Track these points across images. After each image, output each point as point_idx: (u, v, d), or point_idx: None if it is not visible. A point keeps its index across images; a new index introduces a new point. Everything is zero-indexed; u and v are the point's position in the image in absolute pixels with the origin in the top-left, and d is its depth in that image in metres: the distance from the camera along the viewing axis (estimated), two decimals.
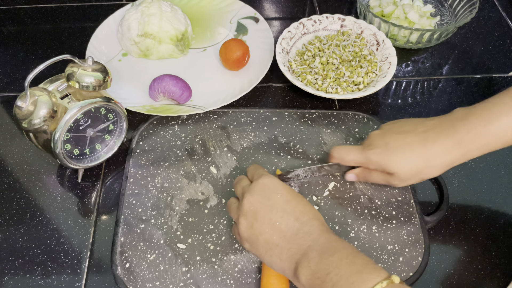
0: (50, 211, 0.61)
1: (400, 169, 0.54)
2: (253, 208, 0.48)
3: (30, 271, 0.56)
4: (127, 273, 0.55)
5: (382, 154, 0.54)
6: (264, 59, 0.77)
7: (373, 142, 0.56)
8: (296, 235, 0.46)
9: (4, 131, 0.70)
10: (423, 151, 0.53)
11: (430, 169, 0.53)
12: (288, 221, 0.47)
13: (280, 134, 0.68)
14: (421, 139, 0.53)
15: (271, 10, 0.91)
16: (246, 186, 0.51)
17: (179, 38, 0.78)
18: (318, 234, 0.46)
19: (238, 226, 0.50)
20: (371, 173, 0.58)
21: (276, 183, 0.50)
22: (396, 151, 0.54)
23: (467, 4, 0.83)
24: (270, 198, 0.48)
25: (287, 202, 0.48)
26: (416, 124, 0.55)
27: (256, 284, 0.54)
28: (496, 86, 0.78)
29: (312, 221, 0.47)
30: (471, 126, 0.51)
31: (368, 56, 0.76)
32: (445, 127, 0.53)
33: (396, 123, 0.57)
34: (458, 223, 0.61)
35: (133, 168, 0.64)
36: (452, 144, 0.52)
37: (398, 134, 0.55)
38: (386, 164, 0.54)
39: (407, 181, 0.55)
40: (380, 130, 0.58)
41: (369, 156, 0.55)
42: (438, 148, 0.52)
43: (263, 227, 0.47)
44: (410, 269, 0.55)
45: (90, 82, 0.57)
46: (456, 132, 0.52)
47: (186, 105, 0.71)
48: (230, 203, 0.53)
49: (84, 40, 0.82)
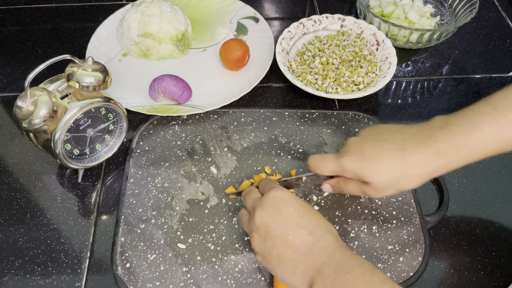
0: (50, 211, 0.61)
1: (376, 179, 0.50)
2: (265, 222, 0.47)
3: (30, 271, 0.56)
4: (127, 273, 0.55)
5: (358, 162, 0.51)
6: (264, 59, 0.77)
7: (349, 149, 0.53)
8: (310, 250, 0.45)
9: (4, 131, 0.70)
10: (400, 161, 0.49)
11: (407, 180, 0.50)
12: (302, 235, 0.46)
13: (280, 134, 0.68)
14: (399, 148, 0.50)
15: (271, 10, 0.91)
16: (257, 199, 0.50)
17: (179, 38, 0.78)
18: (333, 250, 0.45)
19: (251, 239, 0.49)
20: (346, 184, 0.54)
21: (288, 196, 0.49)
22: (372, 159, 0.50)
23: (467, 4, 0.83)
24: (282, 212, 0.48)
25: (300, 216, 0.47)
26: (395, 131, 0.52)
27: (256, 284, 0.54)
28: (496, 86, 0.78)
29: (327, 235, 0.46)
30: (451, 136, 0.48)
31: (368, 56, 0.76)
32: (424, 136, 0.50)
33: (374, 130, 0.54)
34: (458, 223, 0.61)
35: (133, 168, 0.64)
36: (431, 155, 0.49)
37: (375, 142, 0.52)
38: (361, 172, 0.51)
39: (383, 192, 0.52)
40: (358, 136, 0.54)
41: (344, 164, 0.52)
42: (416, 158, 0.49)
43: (275, 241, 0.47)
44: (410, 269, 0.55)
45: (90, 82, 0.57)
46: (435, 142, 0.49)
47: (186, 105, 0.71)
48: (241, 215, 0.53)
49: (84, 40, 0.82)
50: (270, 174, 0.64)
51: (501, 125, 0.47)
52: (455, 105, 0.75)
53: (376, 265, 0.55)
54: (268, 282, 0.54)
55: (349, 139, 0.54)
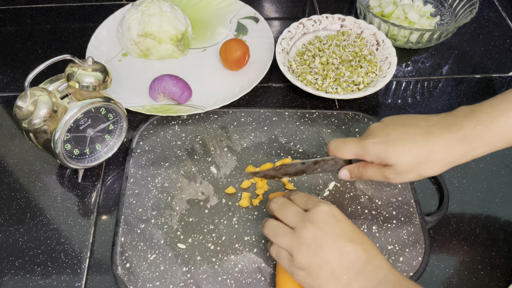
0: (50, 211, 0.61)
1: (399, 161, 0.50)
2: (318, 237, 0.46)
3: (30, 271, 0.56)
4: (127, 273, 0.55)
5: (382, 144, 0.51)
6: (264, 59, 0.77)
7: (372, 132, 0.53)
8: (366, 267, 0.45)
9: (4, 131, 0.70)
10: (425, 144, 0.49)
11: (430, 164, 0.50)
12: (357, 252, 0.46)
13: (281, 134, 0.68)
14: (424, 132, 0.50)
15: (271, 10, 0.91)
16: (301, 212, 0.49)
17: (179, 38, 0.78)
18: (388, 270, 0.45)
19: (297, 254, 0.47)
20: (366, 168, 0.54)
21: (337, 211, 0.49)
22: (396, 142, 0.50)
23: (467, 4, 0.83)
24: (335, 227, 0.47)
25: (353, 233, 0.47)
26: (419, 119, 0.53)
27: (256, 284, 0.54)
28: (496, 86, 0.78)
29: (380, 255, 0.47)
30: (477, 122, 0.49)
31: (368, 56, 0.76)
32: (450, 122, 0.50)
33: (398, 117, 0.55)
34: (458, 223, 0.61)
35: (133, 168, 0.64)
36: (456, 140, 0.49)
37: (400, 127, 0.52)
38: (384, 155, 0.50)
39: (404, 176, 0.51)
40: (381, 122, 0.54)
41: (367, 146, 0.52)
42: (442, 143, 0.49)
43: (329, 256, 0.46)
44: (410, 269, 0.55)
45: (90, 82, 0.57)
46: (461, 128, 0.49)
47: (186, 105, 0.71)
48: (276, 227, 0.50)
49: (84, 40, 0.82)
50: None
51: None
52: (455, 105, 0.75)
53: None
54: (268, 282, 0.54)
55: (371, 125, 0.54)
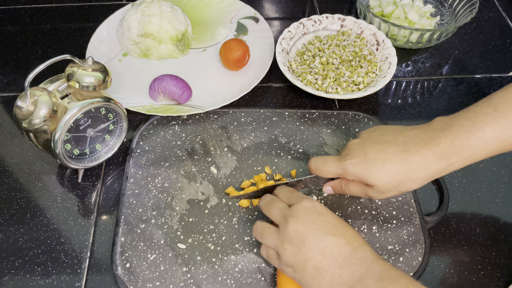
0: (50, 211, 0.61)
1: (379, 181, 0.50)
2: (300, 233, 0.46)
3: (30, 271, 0.56)
4: (127, 273, 0.55)
5: (361, 165, 0.51)
6: (264, 59, 0.77)
7: (351, 152, 0.53)
8: (349, 261, 0.45)
9: (4, 131, 0.70)
10: (403, 163, 0.50)
11: (410, 182, 0.50)
12: (340, 245, 0.46)
13: (281, 134, 0.68)
14: (401, 150, 0.50)
15: (271, 10, 0.91)
16: (286, 208, 0.49)
17: (179, 38, 0.78)
18: (372, 261, 0.45)
19: (282, 252, 0.47)
20: (348, 185, 0.55)
21: (320, 206, 0.49)
22: (375, 162, 0.50)
23: (467, 4, 0.83)
24: (317, 222, 0.47)
25: (335, 226, 0.47)
26: (396, 133, 0.52)
27: (256, 284, 0.54)
28: (496, 86, 0.78)
29: (364, 246, 0.46)
30: (453, 138, 0.49)
31: (368, 56, 0.76)
32: (426, 138, 0.50)
33: (375, 132, 0.54)
34: (458, 223, 0.61)
35: (134, 168, 0.64)
36: (433, 157, 0.49)
37: (377, 144, 0.52)
38: (364, 176, 0.51)
39: (386, 194, 0.52)
40: (359, 139, 0.54)
41: (346, 167, 0.52)
42: (419, 161, 0.49)
43: (311, 252, 0.46)
44: (410, 269, 0.55)
45: (90, 82, 0.57)
46: (437, 144, 0.49)
47: (186, 105, 0.71)
48: (263, 227, 0.50)
49: (84, 40, 0.82)
50: (270, 174, 0.64)
51: (503, 126, 0.48)
52: (455, 105, 0.75)
53: None
54: (268, 282, 0.54)
55: (350, 141, 0.54)
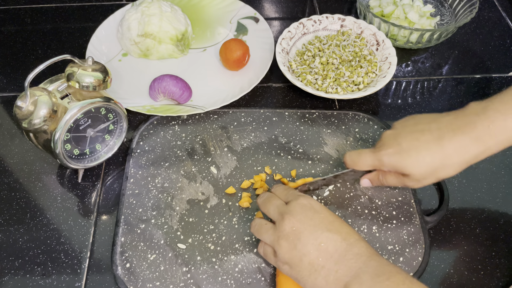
0: (50, 211, 0.61)
1: (415, 170, 0.51)
2: (296, 229, 0.47)
3: (30, 271, 0.56)
4: (127, 273, 0.55)
5: (396, 155, 0.52)
6: (264, 59, 0.77)
7: (386, 142, 0.53)
8: (345, 257, 0.45)
9: (4, 131, 0.70)
10: (438, 150, 0.50)
11: (447, 168, 0.51)
12: (336, 241, 0.46)
13: (281, 134, 0.68)
14: (436, 137, 0.50)
15: (271, 10, 0.91)
16: (282, 205, 0.50)
17: (179, 38, 0.78)
18: (368, 256, 0.45)
19: (278, 248, 0.48)
20: (385, 176, 0.56)
21: (316, 203, 0.49)
22: (409, 151, 0.51)
23: (467, 4, 0.83)
24: (312, 218, 0.47)
25: (331, 223, 0.47)
26: (430, 121, 0.53)
27: (256, 284, 0.54)
28: (496, 86, 0.78)
29: (360, 242, 0.46)
30: (489, 121, 0.48)
31: (368, 56, 0.76)
32: (461, 123, 0.50)
33: (408, 121, 0.55)
34: (458, 223, 0.61)
35: (134, 168, 0.64)
36: (470, 141, 0.49)
37: (411, 134, 0.52)
38: (400, 166, 0.52)
39: (423, 182, 0.53)
40: (393, 129, 0.55)
41: (381, 158, 0.53)
42: (455, 146, 0.49)
43: (307, 248, 0.46)
44: (411, 269, 0.55)
45: (90, 82, 0.57)
46: (474, 128, 0.49)
47: (186, 105, 0.71)
48: (260, 224, 0.51)
49: (84, 40, 0.82)
50: (270, 174, 0.64)
51: None
52: (455, 105, 0.75)
53: None
54: (268, 282, 0.54)
55: (384, 132, 0.55)
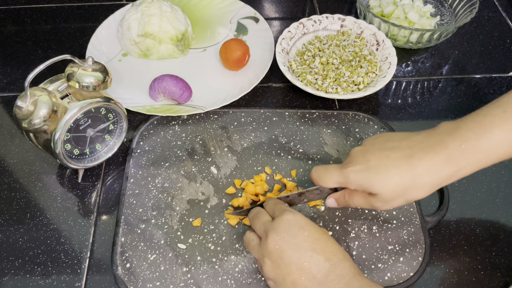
0: (50, 211, 0.61)
1: (383, 189, 0.48)
2: (279, 247, 0.46)
3: (30, 271, 0.56)
4: (127, 273, 0.55)
5: (363, 173, 0.48)
6: (264, 59, 0.77)
7: (354, 159, 0.50)
8: (327, 278, 0.44)
9: (4, 131, 0.70)
10: (408, 169, 0.47)
11: (416, 189, 0.48)
12: (318, 261, 0.45)
13: (281, 134, 0.68)
14: (406, 155, 0.47)
15: (271, 10, 0.91)
16: (268, 222, 0.49)
17: (179, 38, 0.78)
18: (350, 278, 0.44)
19: (262, 265, 0.48)
20: (352, 196, 0.52)
21: (301, 219, 0.48)
22: (378, 169, 0.48)
23: (467, 4, 0.83)
24: (297, 236, 0.46)
25: (316, 241, 0.46)
26: (400, 139, 0.50)
27: (256, 284, 0.54)
28: (496, 86, 0.78)
29: (344, 262, 0.45)
30: (461, 141, 0.46)
31: (368, 56, 0.76)
32: (433, 142, 0.47)
33: (378, 138, 0.52)
34: (458, 223, 0.61)
35: (134, 168, 0.64)
36: (441, 161, 0.46)
37: (380, 151, 0.49)
38: (367, 184, 0.48)
39: (391, 203, 0.49)
40: (362, 146, 0.52)
41: (348, 175, 0.49)
42: (426, 166, 0.46)
43: (290, 267, 0.45)
44: (411, 269, 0.55)
45: (90, 82, 0.57)
46: (445, 148, 0.46)
47: (186, 105, 0.71)
48: (248, 239, 0.51)
49: (84, 40, 0.82)
50: (270, 174, 0.64)
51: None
52: (455, 105, 0.75)
53: (376, 265, 0.55)
54: None
55: (353, 149, 0.52)
